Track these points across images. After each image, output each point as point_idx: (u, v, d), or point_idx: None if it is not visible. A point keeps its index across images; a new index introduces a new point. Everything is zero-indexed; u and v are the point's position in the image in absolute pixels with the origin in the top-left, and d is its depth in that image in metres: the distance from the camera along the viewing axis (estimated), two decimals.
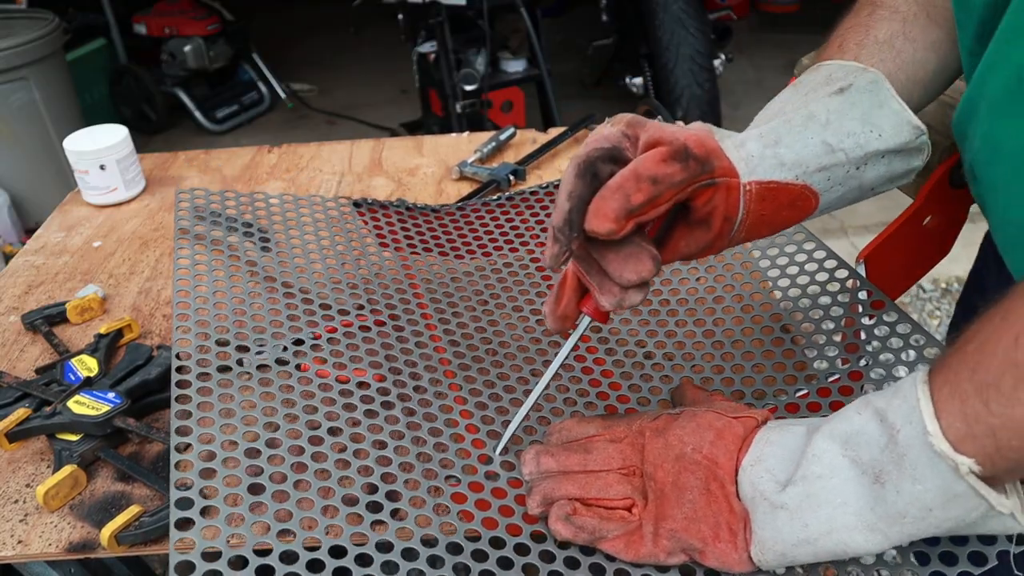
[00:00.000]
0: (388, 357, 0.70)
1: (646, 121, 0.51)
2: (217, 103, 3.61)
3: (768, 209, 0.53)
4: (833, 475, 0.46)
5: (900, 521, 0.44)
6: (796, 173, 0.53)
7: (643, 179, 0.47)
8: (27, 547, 0.60)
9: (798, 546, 0.47)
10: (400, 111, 3.59)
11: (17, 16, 2.74)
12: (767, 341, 0.71)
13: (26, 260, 0.97)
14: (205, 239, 0.80)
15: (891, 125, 0.55)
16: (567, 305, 0.55)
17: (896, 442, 0.43)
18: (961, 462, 0.41)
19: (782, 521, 0.47)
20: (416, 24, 2.80)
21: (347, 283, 0.78)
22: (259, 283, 0.79)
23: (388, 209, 0.92)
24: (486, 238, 0.89)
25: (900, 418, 0.44)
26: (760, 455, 0.49)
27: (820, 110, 0.54)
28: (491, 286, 0.81)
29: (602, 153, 0.50)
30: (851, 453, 0.45)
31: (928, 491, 0.42)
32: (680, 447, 0.51)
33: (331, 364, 0.69)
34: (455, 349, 0.72)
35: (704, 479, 0.50)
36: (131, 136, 1.09)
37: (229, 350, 0.68)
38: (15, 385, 0.73)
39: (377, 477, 0.58)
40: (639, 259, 0.49)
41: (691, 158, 0.49)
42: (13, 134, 2.58)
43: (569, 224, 0.48)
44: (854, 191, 0.56)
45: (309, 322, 0.74)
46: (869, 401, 0.47)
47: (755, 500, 0.48)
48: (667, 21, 2.70)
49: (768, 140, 0.53)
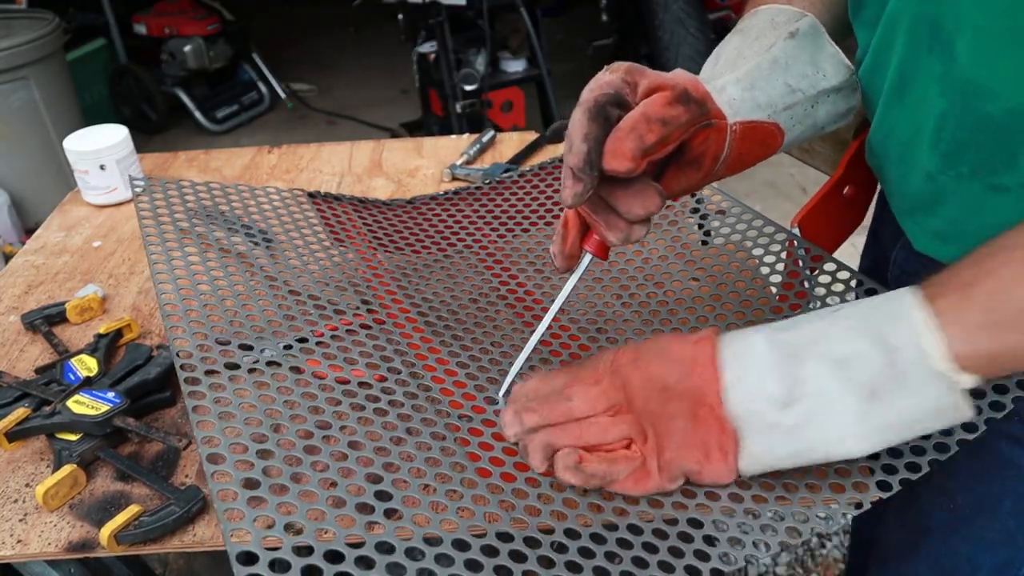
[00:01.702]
0: (376, 347, 0.70)
1: (643, 68, 0.54)
2: (217, 103, 3.61)
3: (746, 147, 0.58)
4: (830, 393, 0.49)
5: (886, 431, 0.49)
6: (768, 113, 0.58)
7: (653, 120, 0.51)
8: (26, 546, 0.60)
9: (787, 458, 0.51)
10: (400, 111, 3.59)
11: (17, 16, 2.74)
12: (724, 296, 0.75)
13: (26, 260, 0.97)
14: (172, 228, 0.78)
15: (832, 66, 0.61)
16: (572, 244, 0.58)
17: (895, 362, 0.48)
18: (962, 380, 0.47)
19: (777, 438, 0.50)
20: (416, 24, 2.80)
21: (315, 280, 0.78)
22: (239, 275, 0.79)
23: (343, 201, 0.92)
24: (437, 236, 0.90)
25: (902, 340, 0.48)
26: (738, 373, 0.52)
27: (780, 55, 0.60)
28: (452, 276, 0.82)
29: (609, 97, 0.52)
30: (845, 373, 0.49)
31: (920, 405, 0.48)
32: (663, 379, 0.53)
33: (340, 360, 0.69)
34: (433, 329, 0.73)
35: (691, 406, 0.52)
36: (131, 136, 1.10)
37: (232, 348, 0.68)
38: (15, 385, 0.73)
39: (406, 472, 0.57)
40: (647, 195, 0.53)
41: (692, 101, 0.53)
42: (13, 134, 2.58)
43: (589, 163, 0.51)
44: (810, 128, 0.61)
45: (290, 323, 0.74)
46: (865, 324, 0.50)
47: (746, 418, 0.51)
48: (667, 21, 2.70)
49: (745, 84, 0.58)
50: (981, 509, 0.61)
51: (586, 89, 0.53)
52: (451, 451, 0.59)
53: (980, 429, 0.55)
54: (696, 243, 0.82)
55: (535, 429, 0.55)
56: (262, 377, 0.66)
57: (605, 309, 0.76)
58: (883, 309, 0.50)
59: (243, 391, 0.63)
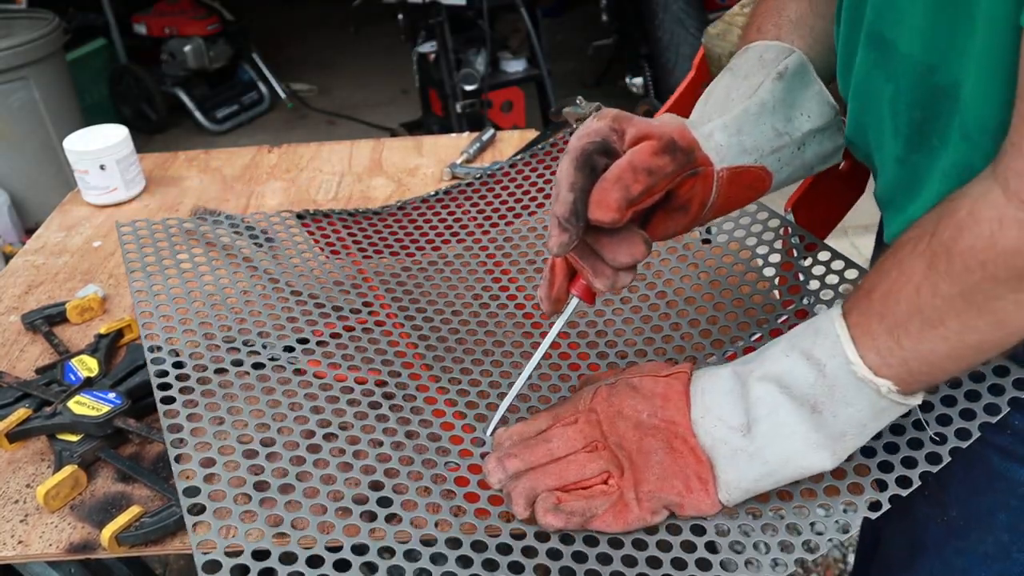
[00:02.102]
0: (364, 360, 0.71)
1: (631, 116, 0.54)
2: (217, 103, 3.61)
3: (733, 192, 0.59)
4: (777, 411, 0.51)
5: (843, 438, 0.51)
6: (755, 157, 0.59)
7: (639, 171, 0.51)
8: (27, 547, 0.60)
9: (760, 480, 0.53)
10: (400, 111, 3.58)
11: (17, 16, 2.74)
12: (716, 295, 0.75)
13: (26, 260, 0.97)
14: (157, 267, 0.80)
15: (816, 105, 0.62)
16: (559, 288, 0.58)
17: (824, 375, 0.50)
18: (881, 384, 0.48)
19: (743, 462, 0.52)
20: (416, 24, 2.80)
21: (307, 293, 0.78)
22: (221, 305, 0.79)
23: (332, 217, 0.92)
24: (432, 233, 0.89)
25: (825, 354, 0.50)
26: (706, 405, 0.54)
27: (768, 97, 0.60)
28: (447, 279, 0.82)
29: (596, 146, 0.52)
30: (786, 389, 0.51)
31: (860, 411, 0.50)
32: (636, 416, 0.55)
33: (327, 364, 0.69)
34: (426, 343, 0.73)
35: (666, 439, 0.54)
36: (131, 136, 1.10)
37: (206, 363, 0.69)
38: (15, 385, 0.73)
39: (381, 474, 0.59)
40: (632, 243, 0.53)
41: (678, 150, 0.54)
42: (13, 134, 2.58)
43: (575, 214, 0.51)
44: (798, 169, 0.62)
45: (278, 330, 0.74)
46: (794, 343, 0.52)
47: (715, 447, 0.53)
48: (667, 21, 2.70)
49: (732, 130, 0.58)
50: (975, 523, 0.61)
51: (574, 136, 0.54)
52: (432, 463, 0.61)
53: (975, 435, 0.55)
54: (696, 241, 0.82)
55: (518, 475, 0.56)
56: (232, 389, 0.66)
57: (604, 308, 0.75)
58: (812, 325, 0.52)
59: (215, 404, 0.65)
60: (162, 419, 0.63)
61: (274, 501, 0.57)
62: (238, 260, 0.82)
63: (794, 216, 0.76)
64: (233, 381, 0.67)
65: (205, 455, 0.60)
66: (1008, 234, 0.42)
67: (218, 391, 0.66)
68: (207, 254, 0.82)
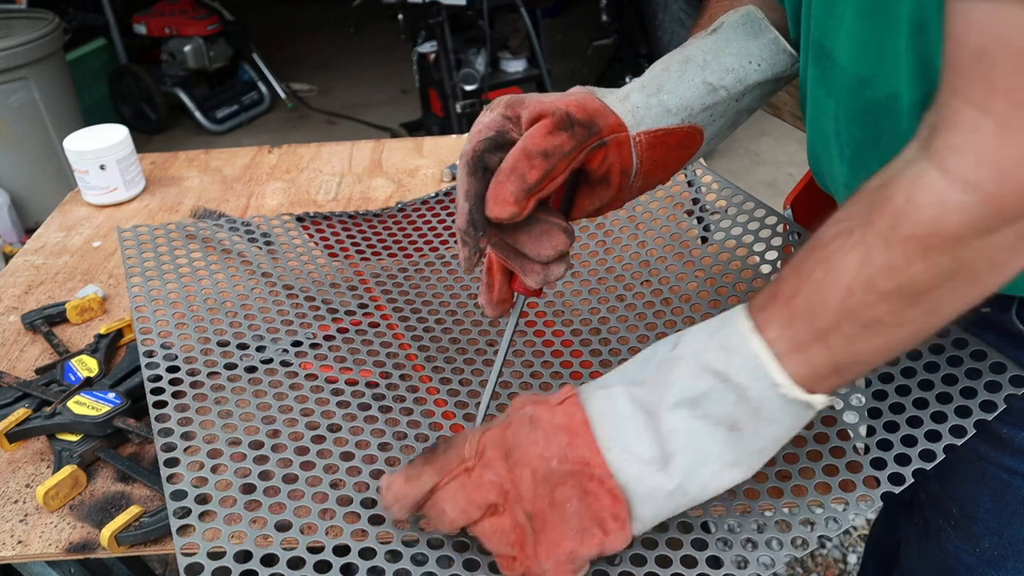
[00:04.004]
0: (357, 361, 0.71)
1: (524, 97, 0.51)
2: (217, 103, 3.61)
3: (659, 154, 0.55)
4: (695, 439, 0.47)
5: (760, 455, 0.47)
6: (682, 117, 0.55)
7: (534, 155, 0.48)
8: (27, 547, 0.60)
9: (676, 509, 0.49)
10: (400, 111, 3.59)
11: (17, 16, 2.74)
12: (712, 292, 0.74)
13: (26, 260, 0.97)
14: (156, 272, 0.80)
15: (769, 54, 0.57)
16: (500, 290, 0.56)
17: (748, 399, 0.45)
18: (815, 400, 0.45)
19: (661, 499, 0.48)
20: (416, 24, 2.80)
21: (304, 296, 0.79)
22: (217, 309, 0.79)
23: (332, 220, 0.92)
24: (431, 235, 0.90)
25: (745, 377, 0.45)
26: (610, 436, 0.48)
27: (695, 52, 0.57)
28: (443, 279, 0.82)
29: (488, 143, 0.50)
30: (701, 413, 0.46)
31: (784, 428, 0.46)
32: (545, 465, 0.48)
33: (319, 367, 0.69)
34: (419, 344, 0.73)
35: (580, 485, 0.48)
36: (131, 136, 1.09)
37: (199, 366, 0.70)
38: (15, 385, 0.73)
39: (367, 475, 0.60)
40: (551, 235, 0.51)
41: (576, 124, 0.50)
42: (13, 134, 2.58)
43: (473, 224, 0.49)
44: (732, 118, 0.58)
45: (272, 334, 0.74)
46: (703, 364, 0.46)
47: (629, 486, 0.48)
48: (667, 21, 2.70)
49: (651, 89, 0.54)
50: (1011, 552, 0.60)
51: (467, 136, 0.50)
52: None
53: (969, 432, 0.55)
54: (695, 240, 0.82)
55: None
56: (224, 392, 0.66)
57: (600, 306, 0.75)
58: (717, 339, 0.47)
59: (207, 408, 0.65)
60: (153, 424, 0.63)
61: (259, 503, 0.57)
62: (236, 264, 0.82)
63: (793, 213, 0.75)
64: (225, 385, 0.68)
65: (193, 459, 0.61)
66: (951, 219, 0.39)
67: (210, 395, 0.67)
68: (206, 258, 0.83)
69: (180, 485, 0.58)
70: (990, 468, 0.59)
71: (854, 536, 1.59)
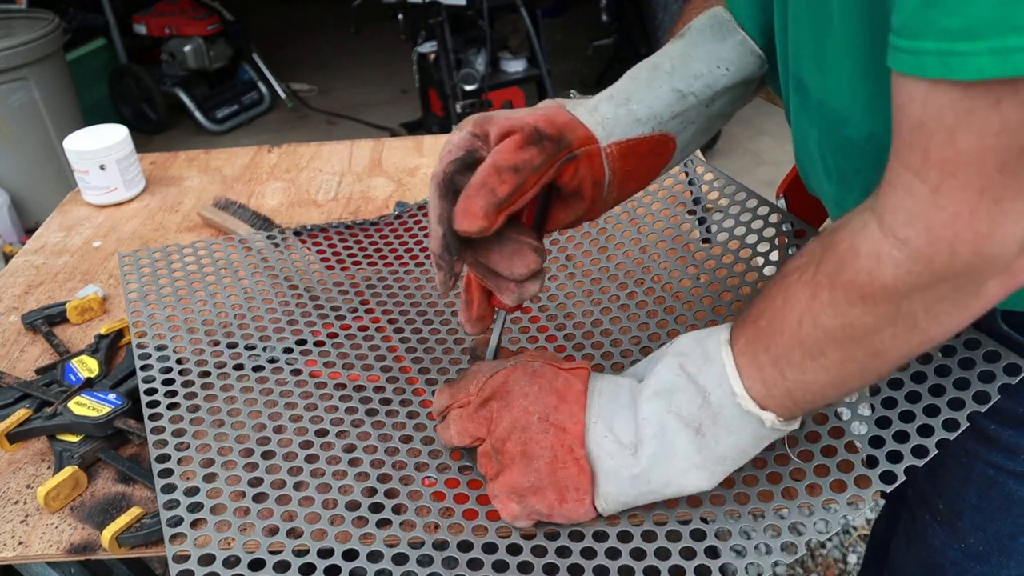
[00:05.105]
0: (346, 366, 0.71)
1: (492, 114, 0.51)
2: (217, 103, 3.61)
3: (631, 164, 0.55)
4: (665, 433, 0.50)
5: (723, 462, 0.50)
6: (652, 126, 0.55)
7: (504, 170, 0.48)
8: (28, 548, 0.60)
9: (641, 496, 0.51)
10: (400, 111, 3.58)
11: (17, 16, 2.74)
12: (715, 297, 0.74)
13: (26, 260, 0.97)
14: (156, 297, 0.80)
15: (737, 57, 0.57)
16: (479, 307, 0.57)
17: (710, 403, 0.49)
18: (765, 417, 0.48)
19: (626, 480, 0.51)
20: (416, 24, 2.80)
21: (300, 311, 0.78)
22: (214, 330, 0.79)
23: (329, 231, 0.92)
24: (426, 241, 0.89)
25: (711, 382, 0.49)
26: (599, 411, 0.52)
27: (663, 60, 0.57)
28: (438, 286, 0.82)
29: (457, 164, 0.50)
30: (674, 410, 0.50)
31: (743, 439, 0.49)
32: (526, 418, 0.52)
33: (308, 373, 0.69)
34: (414, 355, 0.72)
35: (552, 446, 0.52)
36: (131, 136, 1.09)
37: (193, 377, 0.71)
38: (15, 386, 0.73)
39: (352, 478, 0.60)
40: (523, 254, 0.52)
41: (545, 139, 0.50)
42: (13, 134, 2.58)
43: (447, 248, 0.49)
44: (704, 124, 0.58)
45: (265, 338, 0.74)
46: (683, 362, 0.50)
47: (600, 459, 0.51)
48: (667, 21, 2.70)
49: (619, 99, 0.55)
50: (996, 548, 0.61)
51: (439, 157, 0.51)
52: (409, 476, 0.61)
53: (963, 426, 0.54)
54: (696, 242, 0.82)
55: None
56: (217, 403, 0.66)
57: (602, 317, 0.75)
58: (701, 344, 0.50)
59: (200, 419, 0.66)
60: (148, 435, 0.64)
61: (248, 510, 0.58)
62: (234, 284, 0.82)
63: (787, 202, 0.74)
64: (218, 395, 0.68)
65: (188, 468, 0.61)
66: (885, 271, 0.41)
67: (203, 405, 0.67)
68: (204, 279, 0.83)
69: (174, 495, 0.59)
70: (977, 464, 0.59)
71: (854, 536, 1.59)
